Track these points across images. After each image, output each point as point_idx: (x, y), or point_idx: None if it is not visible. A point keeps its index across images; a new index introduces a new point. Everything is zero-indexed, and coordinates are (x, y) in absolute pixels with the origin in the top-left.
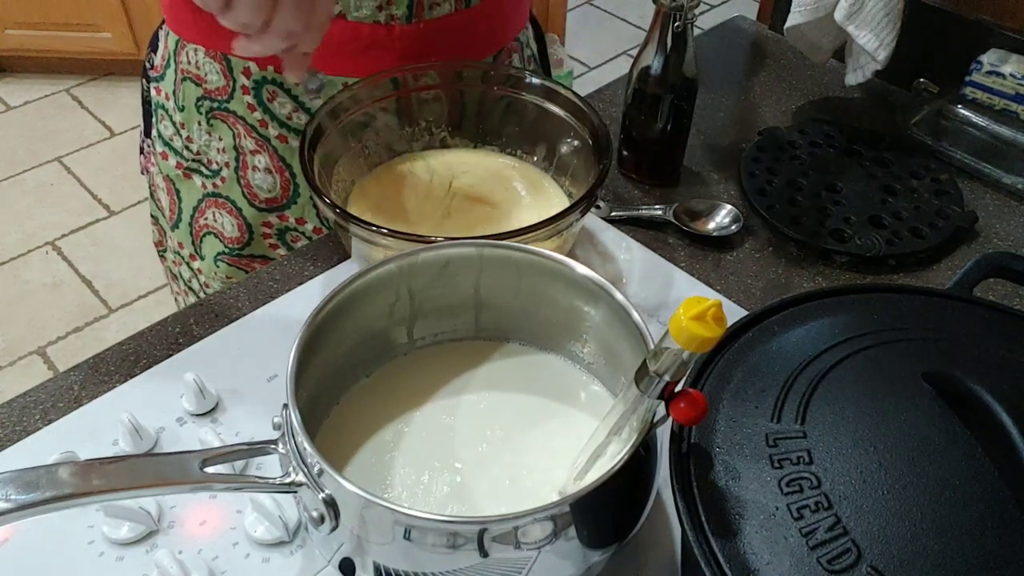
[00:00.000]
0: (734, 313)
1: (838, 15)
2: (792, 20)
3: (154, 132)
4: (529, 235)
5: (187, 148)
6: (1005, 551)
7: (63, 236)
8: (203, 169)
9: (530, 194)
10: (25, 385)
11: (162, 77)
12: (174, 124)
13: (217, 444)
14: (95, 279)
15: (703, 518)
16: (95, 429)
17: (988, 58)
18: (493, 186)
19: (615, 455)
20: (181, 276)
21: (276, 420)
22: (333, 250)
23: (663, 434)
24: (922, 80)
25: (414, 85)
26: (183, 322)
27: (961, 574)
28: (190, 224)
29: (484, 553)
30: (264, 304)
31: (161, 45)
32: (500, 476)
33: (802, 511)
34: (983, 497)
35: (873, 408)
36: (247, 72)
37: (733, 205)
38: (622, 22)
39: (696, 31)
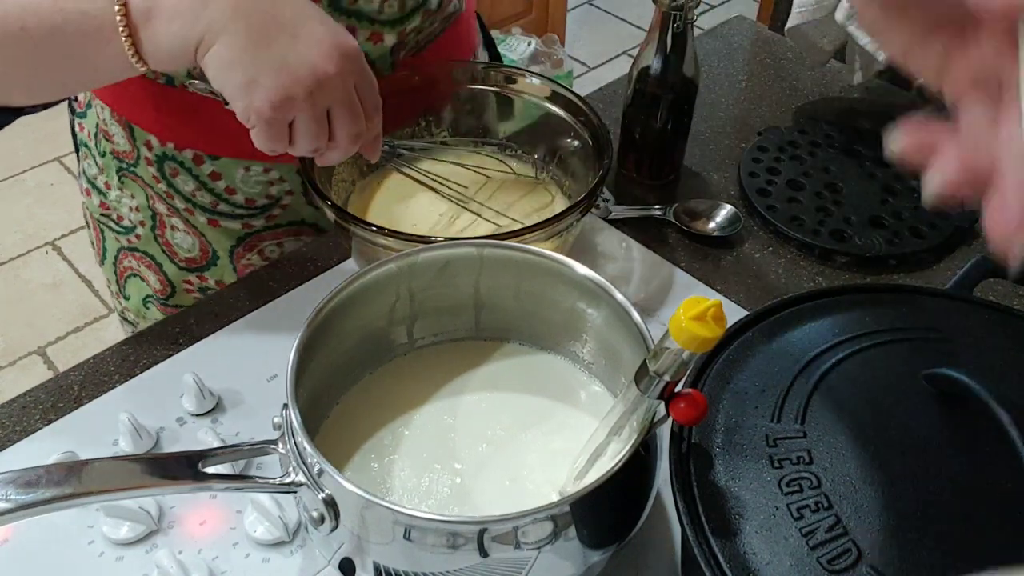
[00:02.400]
0: (734, 313)
1: (839, 15)
2: (793, 20)
3: (80, 166)
4: (529, 235)
5: (106, 195)
6: (1005, 551)
7: (63, 236)
8: (112, 225)
9: (530, 194)
10: (25, 385)
11: (84, 114)
12: (96, 166)
13: (217, 444)
14: (95, 279)
15: (703, 518)
16: (95, 429)
17: None
18: (492, 187)
19: (615, 455)
20: (116, 307)
21: (276, 420)
22: (333, 250)
23: (663, 434)
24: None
25: (412, 86)
26: (183, 322)
27: (961, 574)
28: (114, 265)
29: (484, 553)
30: (264, 304)
31: None
32: (500, 476)
33: (802, 511)
34: (983, 497)
35: (873, 408)
36: (148, 145)
37: (733, 205)
38: (622, 22)
39: (696, 31)
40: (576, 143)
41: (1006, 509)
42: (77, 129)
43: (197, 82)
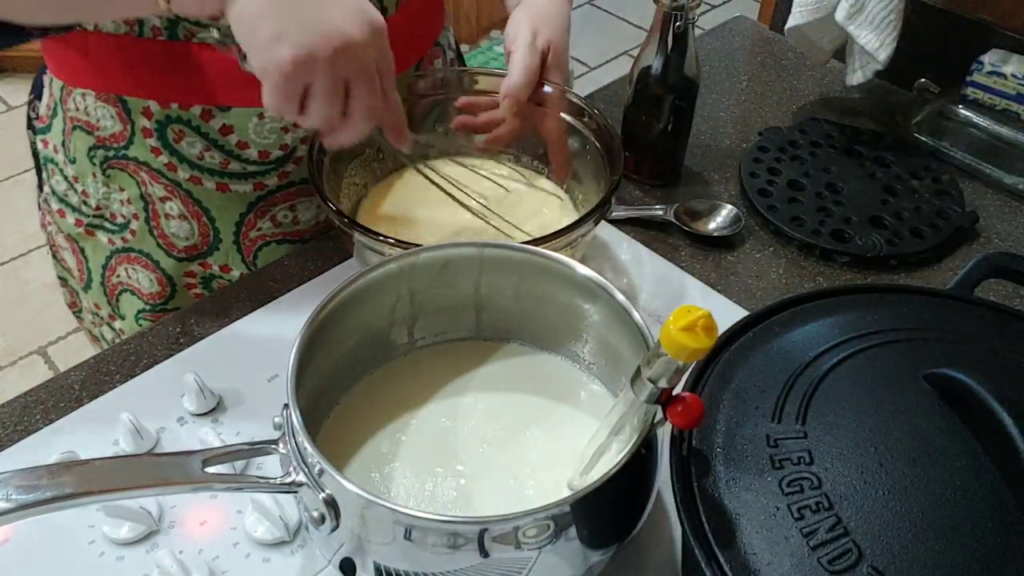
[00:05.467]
0: (735, 313)
1: (839, 15)
2: (793, 20)
3: (46, 188)
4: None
5: (85, 203)
6: (1005, 551)
7: None
8: (107, 224)
9: (542, 203)
10: (26, 385)
11: (48, 128)
12: (67, 178)
13: (218, 444)
14: None
15: (704, 518)
16: (96, 429)
17: (989, 58)
18: (505, 195)
19: (618, 454)
20: (103, 338)
21: (277, 420)
22: (333, 250)
23: (664, 434)
24: (923, 80)
25: (428, 90)
26: (183, 322)
27: (961, 574)
28: (102, 284)
29: (485, 553)
30: (264, 304)
31: (46, 92)
32: (502, 477)
33: (803, 511)
34: (983, 497)
35: (874, 408)
36: (147, 112)
37: (734, 205)
38: (623, 22)
39: (697, 31)
40: (588, 155)
41: (1007, 509)
42: (40, 147)
43: (215, 33)
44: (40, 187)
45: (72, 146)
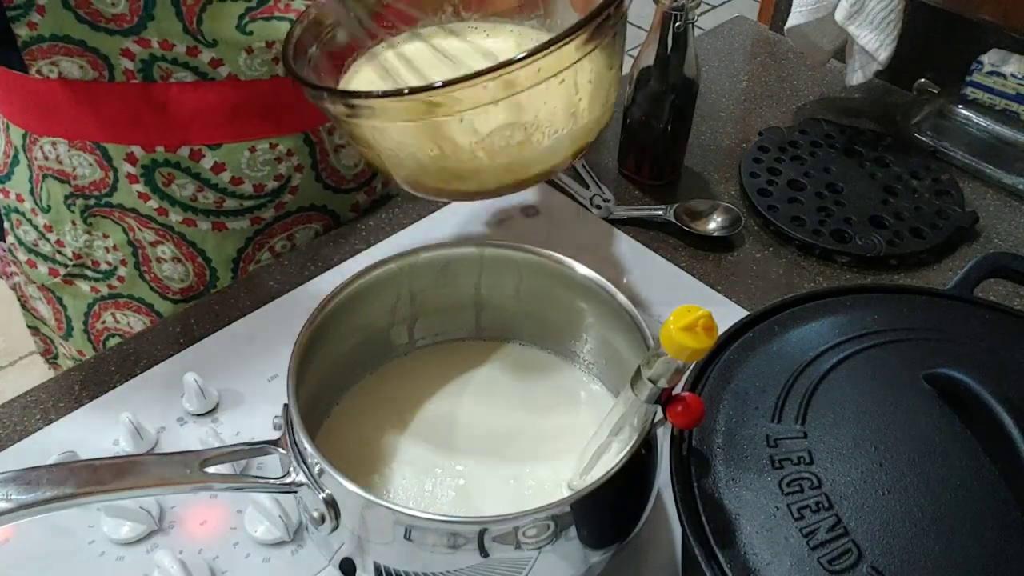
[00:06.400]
0: (734, 313)
1: (839, 15)
2: (793, 20)
3: (10, 239)
4: (538, 58)
5: (60, 252)
6: (1005, 551)
7: None
8: (88, 272)
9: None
10: (25, 385)
11: (9, 176)
12: (37, 228)
13: (217, 444)
14: None
15: (703, 518)
16: (95, 429)
17: (989, 58)
18: (511, 43)
19: (618, 454)
20: None
21: (276, 420)
22: (333, 250)
23: (664, 434)
24: (923, 80)
25: None
26: (183, 322)
27: (961, 574)
28: (86, 331)
29: (485, 553)
30: (264, 304)
31: (1, 139)
32: (502, 477)
33: (803, 511)
34: (983, 497)
35: (873, 408)
36: (131, 158)
37: (733, 205)
38: None
39: (697, 31)
40: None
41: (1007, 509)
42: (0, 196)
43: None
44: (1, 237)
45: (44, 195)
